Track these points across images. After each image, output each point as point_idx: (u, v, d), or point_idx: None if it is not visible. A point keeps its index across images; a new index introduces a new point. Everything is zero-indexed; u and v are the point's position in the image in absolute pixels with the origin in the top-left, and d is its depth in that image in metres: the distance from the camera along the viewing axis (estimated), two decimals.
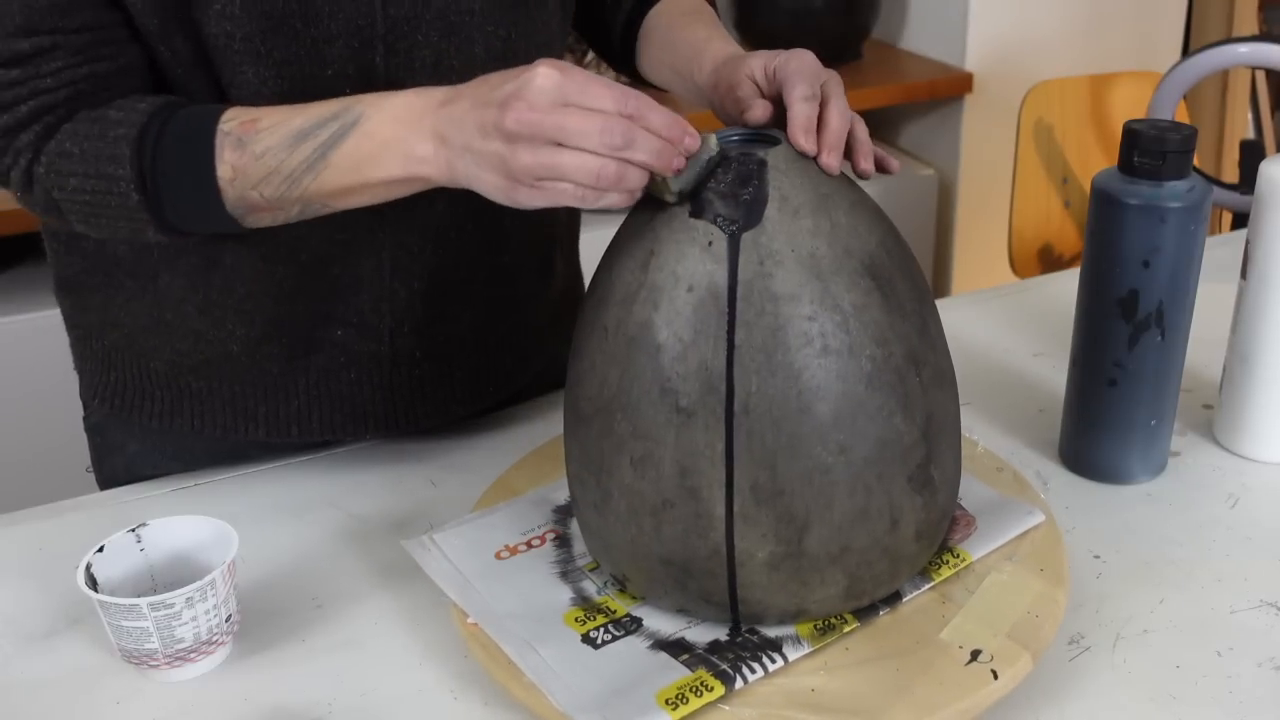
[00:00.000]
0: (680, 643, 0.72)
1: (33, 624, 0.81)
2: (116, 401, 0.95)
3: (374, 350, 0.92)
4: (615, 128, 0.67)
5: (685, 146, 0.69)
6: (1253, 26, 2.57)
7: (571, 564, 0.79)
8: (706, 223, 0.69)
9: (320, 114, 0.75)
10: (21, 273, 1.92)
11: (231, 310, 0.89)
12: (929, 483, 0.72)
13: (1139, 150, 0.84)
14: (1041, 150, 2.12)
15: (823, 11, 2.29)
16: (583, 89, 0.68)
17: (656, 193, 0.70)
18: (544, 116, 0.67)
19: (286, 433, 0.93)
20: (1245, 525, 0.87)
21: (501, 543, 0.81)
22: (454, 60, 0.85)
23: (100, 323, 0.93)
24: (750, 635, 0.72)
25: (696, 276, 0.68)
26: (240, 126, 0.76)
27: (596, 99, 0.68)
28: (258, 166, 0.76)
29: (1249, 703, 0.71)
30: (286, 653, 0.78)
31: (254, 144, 0.75)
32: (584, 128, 0.67)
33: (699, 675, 0.69)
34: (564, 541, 0.81)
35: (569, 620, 0.74)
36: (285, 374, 0.91)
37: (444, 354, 0.95)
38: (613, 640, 0.73)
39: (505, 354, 0.99)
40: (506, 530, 0.82)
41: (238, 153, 0.76)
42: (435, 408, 0.96)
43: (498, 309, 0.97)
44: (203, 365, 0.91)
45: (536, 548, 0.80)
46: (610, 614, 0.75)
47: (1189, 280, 0.87)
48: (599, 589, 0.77)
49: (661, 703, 0.67)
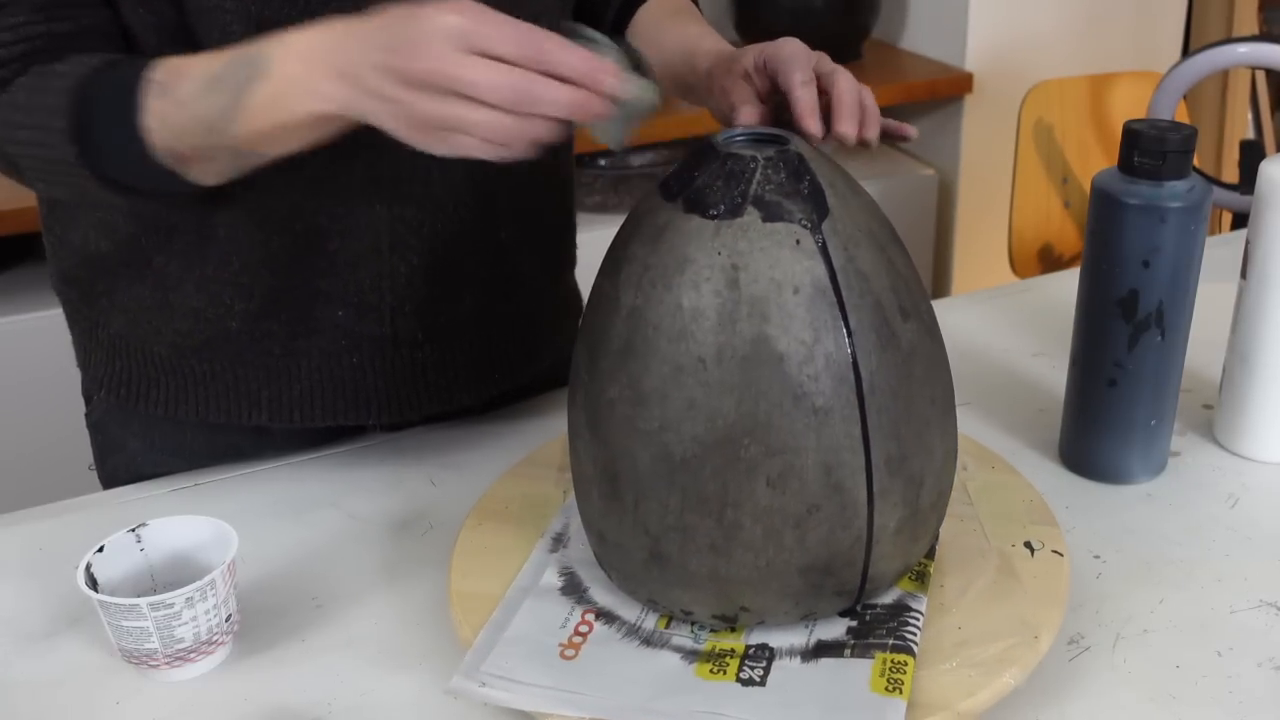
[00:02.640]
0: (830, 645, 0.72)
1: (33, 624, 0.81)
2: (122, 391, 0.95)
3: (375, 333, 0.91)
4: (521, 84, 0.64)
5: (606, 89, 0.65)
6: (1253, 26, 2.57)
7: (643, 631, 0.74)
8: (785, 224, 0.67)
9: (233, 58, 0.73)
10: (21, 273, 1.92)
11: (229, 284, 0.88)
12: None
13: (1139, 150, 0.84)
14: (1041, 150, 2.12)
15: (823, 11, 2.29)
16: (486, 34, 0.64)
17: (596, 138, 0.68)
18: (442, 66, 0.64)
19: (289, 417, 0.93)
20: (1245, 525, 0.87)
21: (553, 645, 0.73)
22: None
23: (102, 312, 0.93)
24: (874, 608, 0.74)
25: (798, 276, 0.67)
26: (166, 74, 0.75)
27: (502, 44, 0.64)
28: (180, 114, 0.74)
29: (1249, 703, 0.72)
30: (286, 653, 0.78)
31: (176, 91, 0.74)
32: (489, 83, 0.63)
33: (881, 659, 0.70)
34: (608, 616, 0.75)
35: (705, 675, 0.70)
36: (287, 355, 0.91)
37: (446, 337, 0.94)
38: (767, 671, 0.70)
39: (508, 341, 0.99)
40: (543, 629, 0.74)
41: (162, 101, 0.74)
42: (438, 394, 0.96)
43: (498, 291, 0.97)
44: (204, 346, 0.91)
45: (589, 634, 0.74)
46: (735, 653, 0.71)
47: (1189, 280, 0.87)
48: (694, 639, 0.73)
49: (882, 691, 0.67)
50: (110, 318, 0.93)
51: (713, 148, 0.70)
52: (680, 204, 0.69)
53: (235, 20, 0.79)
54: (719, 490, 0.68)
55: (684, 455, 0.68)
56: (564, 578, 0.78)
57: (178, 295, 0.90)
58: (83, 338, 0.98)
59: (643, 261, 0.69)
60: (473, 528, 0.83)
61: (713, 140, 0.71)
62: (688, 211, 0.68)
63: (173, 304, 0.90)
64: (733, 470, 0.67)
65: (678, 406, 0.67)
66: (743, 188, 0.68)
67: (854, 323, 0.67)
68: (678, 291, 0.67)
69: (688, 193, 0.69)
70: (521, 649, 0.72)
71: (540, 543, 0.81)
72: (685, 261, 0.67)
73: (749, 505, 0.68)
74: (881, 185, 2.30)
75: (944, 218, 2.43)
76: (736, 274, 0.66)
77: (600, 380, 0.70)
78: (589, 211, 1.05)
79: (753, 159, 0.69)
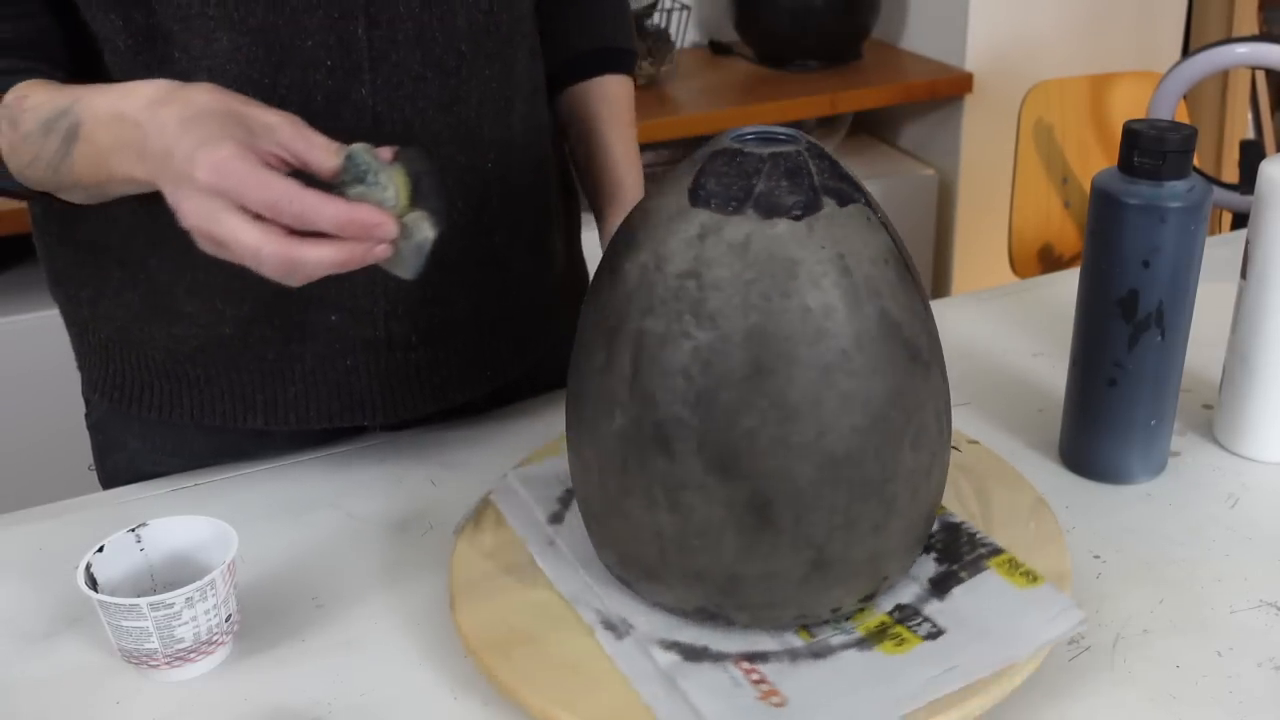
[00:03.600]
0: (944, 577, 0.77)
1: (33, 624, 0.81)
2: (117, 395, 0.95)
3: (369, 335, 0.91)
4: (276, 254, 0.64)
5: (380, 236, 0.66)
6: (1253, 26, 2.57)
7: (803, 650, 0.72)
8: (855, 205, 0.69)
9: (58, 106, 0.73)
10: (21, 273, 1.92)
11: (220, 289, 0.88)
12: None
13: (1139, 150, 0.84)
14: (1041, 150, 2.12)
15: (823, 11, 2.29)
16: (239, 194, 0.64)
17: (391, 271, 0.69)
18: (200, 225, 0.65)
19: (285, 420, 0.93)
20: (1245, 525, 0.87)
21: (749, 702, 0.68)
22: (437, 32, 0.85)
23: (95, 315, 0.94)
24: (931, 538, 0.79)
25: (884, 250, 0.69)
26: (15, 101, 0.75)
27: (254, 204, 0.64)
28: (25, 148, 0.75)
29: (1249, 703, 0.72)
30: (286, 653, 0.78)
31: (21, 124, 0.75)
32: (240, 245, 0.64)
33: (994, 565, 0.77)
34: (761, 657, 0.71)
35: (893, 650, 0.70)
36: (281, 359, 0.91)
37: (439, 338, 0.94)
38: (932, 621, 0.73)
39: (501, 338, 0.99)
40: (717, 696, 0.69)
41: (10, 129, 0.75)
42: (432, 394, 0.96)
43: (491, 291, 0.97)
44: (199, 352, 0.91)
45: (764, 681, 0.70)
46: (887, 624, 0.73)
47: (1189, 280, 0.87)
48: (847, 632, 0.73)
49: (1026, 584, 0.75)
50: (102, 322, 0.93)
51: (746, 153, 0.69)
52: (752, 213, 0.67)
53: (219, 27, 0.79)
54: (879, 470, 0.69)
55: (847, 450, 0.67)
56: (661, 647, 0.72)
57: (170, 300, 0.89)
58: (78, 340, 0.98)
59: (737, 280, 0.66)
60: (473, 528, 0.83)
61: (742, 148, 0.69)
62: (767, 217, 0.67)
63: (166, 308, 0.90)
64: (886, 445, 0.68)
65: (833, 405, 0.66)
66: (807, 180, 0.68)
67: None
68: (799, 295, 0.66)
69: (754, 200, 0.67)
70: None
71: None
72: (793, 264, 0.66)
73: (901, 472, 0.70)
74: (881, 185, 2.30)
75: (944, 218, 2.43)
76: (844, 260, 0.67)
77: (725, 417, 0.66)
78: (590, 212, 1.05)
79: (798, 151, 0.69)
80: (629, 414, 0.68)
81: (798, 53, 2.33)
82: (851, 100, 2.23)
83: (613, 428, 0.69)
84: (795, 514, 0.68)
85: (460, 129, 0.88)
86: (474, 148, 0.90)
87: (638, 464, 0.69)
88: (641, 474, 0.69)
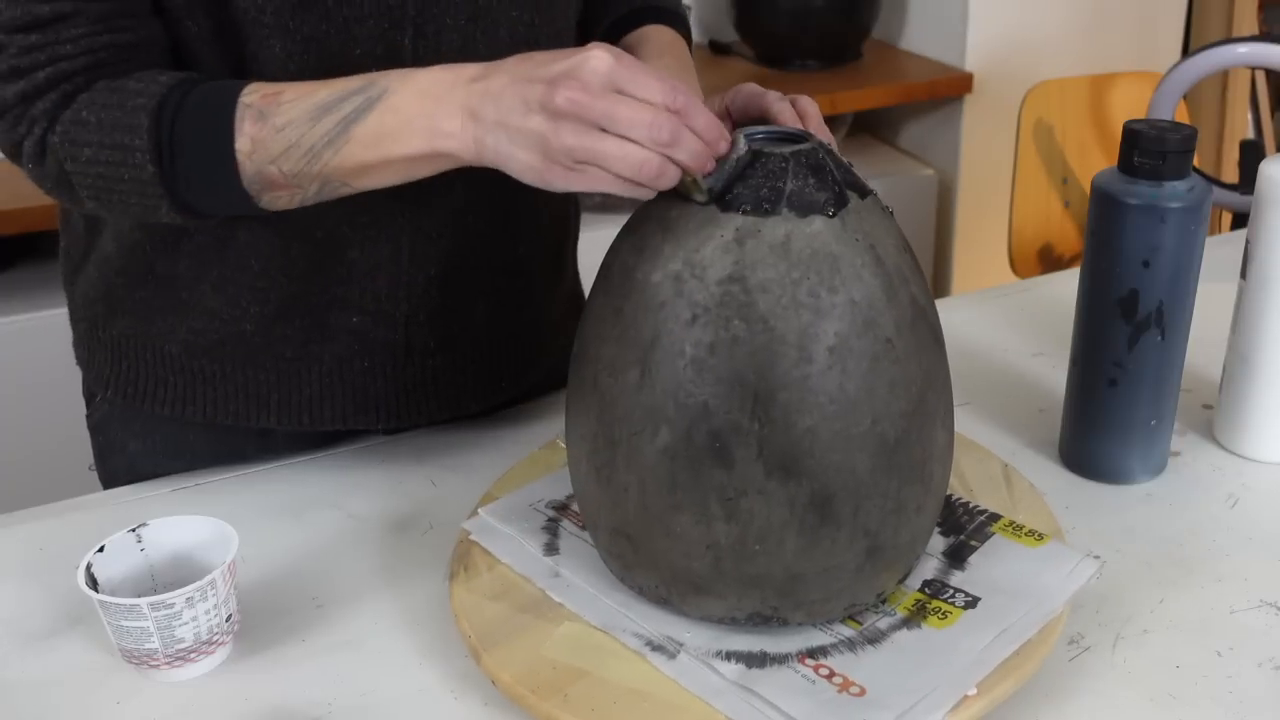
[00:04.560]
0: (957, 548, 0.79)
1: (33, 624, 0.81)
2: (129, 390, 0.95)
3: (388, 339, 0.92)
4: (664, 123, 0.66)
5: (719, 149, 0.69)
6: (1253, 26, 2.57)
7: (858, 638, 0.73)
8: (873, 198, 0.71)
9: (345, 88, 0.74)
10: (21, 273, 1.92)
11: (246, 287, 0.88)
12: None
13: (1139, 150, 0.84)
14: (1041, 150, 2.12)
15: (823, 11, 2.29)
16: (635, 78, 0.67)
17: (685, 191, 0.69)
18: (595, 100, 0.66)
19: (298, 421, 0.93)
20: (1245, 525, 0.87)
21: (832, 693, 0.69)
22: (479, 45, 0.85)
23: (110, 309, 0.93)
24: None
25: (901, 239, 0.72)
26: (262, 99, 0.75)
27: (647, 89, 0.67)
28: (278, 140, 0.74)
29: (1249, 703, 0.72)
30: (286, 653, 0.78)
31: (275, 116, 0.74)
32: (634, 118, 0.66)
33: (999, 529, 0.81)
34: (816, 654, 0.72)
35: (939, 624, 0.73)
36: (299, 359, 0.91)
37: (457, 346, 0.95)
38: (965, 592, 0.75)
39: (518, 350, 0.99)
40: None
41: (258, 125, 0.74)
42: (446, 402, 0.96)
43: (511, 301, 0.97)
44: (217, 346, 0.91)
45: (837, 675, 0.70)
46: (924, 601, 0.75)
47: (1189, 280, 0.87)
48: (890, 614, 0.74)
49: (1034, 543, 0.79)
50: (117, 317, 0.93)
51: (768, 153, 0.69)
52: (788, 213, 0.67)
53: (273, 34, 0.79)
54: (920, 452, 0.70)
55: (896, 435, 0.68)
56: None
57: (192, 295, 0.89)
58: (86, 336, 0.97)
59: (784, 280, 0.66)
60: (464, 573, 0.80)
61: (761, 149, 0.70)
62: (803, 215, 0.67)
63: (187, 303, 0.90)
64: (926, 427, 0.70)
65: (882, 394, 0.67)
66: (830, 176, 0.69)
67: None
68: (845, 289, 0.67)
69: (787, 200, 0.68)
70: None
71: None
72: (835, 259, 0.67)
73: (936, 452, 0.71)
74: (881, 185, 2.30)
75: (944, 218, 2.43)
76: (876, 251, 0.68)
77: (785, 418, 0.66)
78: (590, 212, 1.05)
79: (815, 148, 0.70)
80: (677, 428, 0.67)
81: (798, 53, 2.33)
82: (851, 100, 2.23)
83: (656, 445, 0.68)
84: (854, 505, 0.68)
85: None
86: None
87: (689, 478, 0.67)
88: (694, 488, 0.68)
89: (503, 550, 0.80)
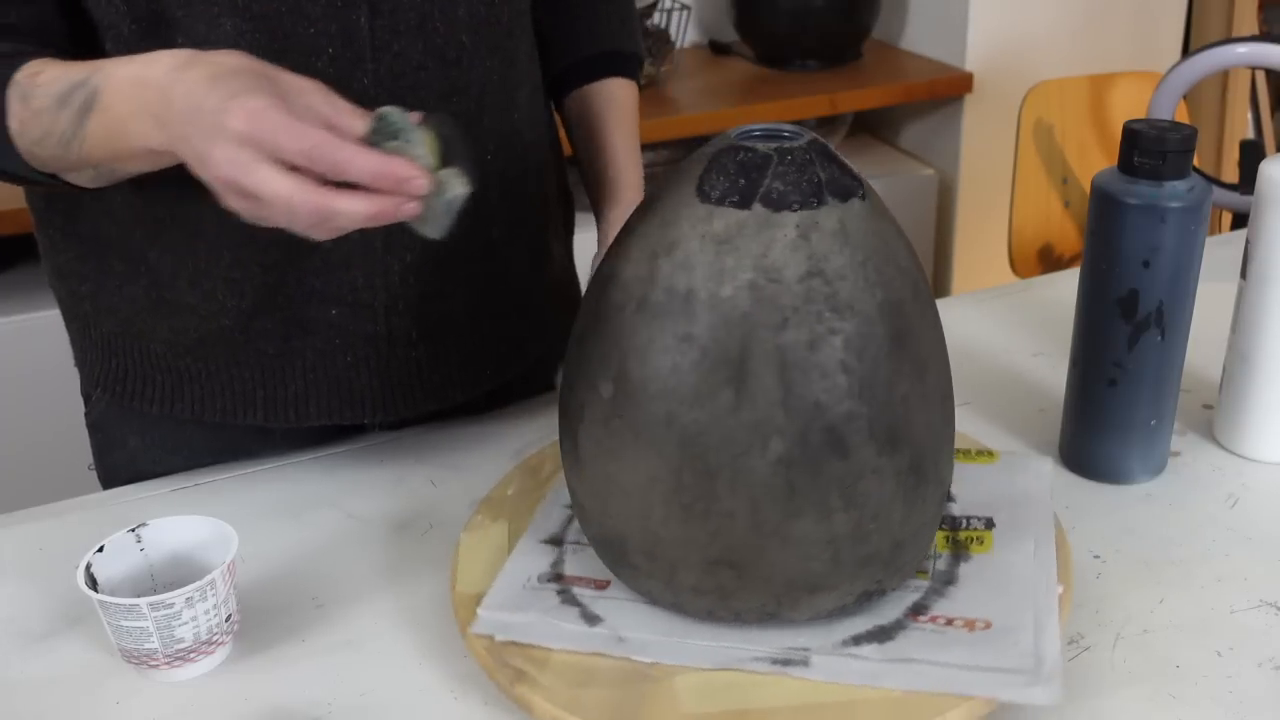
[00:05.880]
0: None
1: (33, 624, 0.81)
2: (118, 389, 0.95)
3: (369, 331, 0.92)
4: (307, 205, 0.64)
5: (410, 191, 0.65)
6: (1253, 26, 2.57)
7: (881, 629, 0.73)
8: (866, 196, 0.72)
9: (73, 79, 0.73)
10: (21, 273, 1.92)
11: (220, 280, 0.88)
12: None
13: (1139, 150, 0.84)
14: (1041, 150, 2.12)
15: (823, 11, 2.29)
16: (273, 143, 0.64)
17: (418, 231, 0.68)
18: (232, 174, 0.64)
19: (285, 417, 0.93)
20: (1245, 525, 0.87)
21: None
22: (438, 22, 0.85)
23: (97, 309, 0.93)
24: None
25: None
26: (27, 78, 0.74)
27: (289, 154, 0.64)
28: (35, 124, 0.74)
29: (1249, 703, 0.72)
30: (286, 653, 0.78)
31: (33, 99, 0.74)
32: (272, 195, 0.64)
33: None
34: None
35: (979, 550, 0.78)
36: (282, 355, 0.91)
37: (439, 334, 0.95)
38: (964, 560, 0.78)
39: (499, 337, 0.99)
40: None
41: (21, 105, 0.74)
42: (432, 392, 0.96)
43: (490, 287, 0.97)
44: (199, 344, 0.91)
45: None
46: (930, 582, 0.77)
47: (1189, 280, 0.87)
48: (914, 588, 0.76)
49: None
50: (104, 316, 0.93)
51: (787, 149, 0.68)
52: (833, 201, 0.67)
53: (223, 12, 0.79)
54: (935, 442, 0.71)
55: (947, 388, 0.73)
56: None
57: (171, 292, 0.89)
58: (79, 336, 0.98)
59: (853, 264, 0.67)
60: (473, 528, 0.83)
61: (764, 148, 0.69)
62: (844, 201, 0.68)
63: (168, 300, 0.90)
64: (931, 413, 0.71)
65: (938, 353, 0.72)
66: (840, 165, 0.70)
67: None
68: (896, 262, 0.69)
69: (827, 188, 0.67)
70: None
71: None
72: (882, 237, 0.70)
73: (942, 440, 0.72)
74: (881, 185, 2.30)
75: (944, 218, 2.43)
76: (898, 228, 0.71)
77: (885, 392, 0.67)
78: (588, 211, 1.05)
79: (814, 140, 0.70)
80: (789, 435, 0.66)
81: (798, 53, 2.33)
82: (851, 100, 2.23)
83: (768, 459, 0.66)
84: (936, 461, 0.72)
85: (461, 119, 0.88)
86: (474, 139, 0.90)
87: (808, 479, 0.66)
88: (814, 488, 0.67)
89: (546, 637, 0.72)
